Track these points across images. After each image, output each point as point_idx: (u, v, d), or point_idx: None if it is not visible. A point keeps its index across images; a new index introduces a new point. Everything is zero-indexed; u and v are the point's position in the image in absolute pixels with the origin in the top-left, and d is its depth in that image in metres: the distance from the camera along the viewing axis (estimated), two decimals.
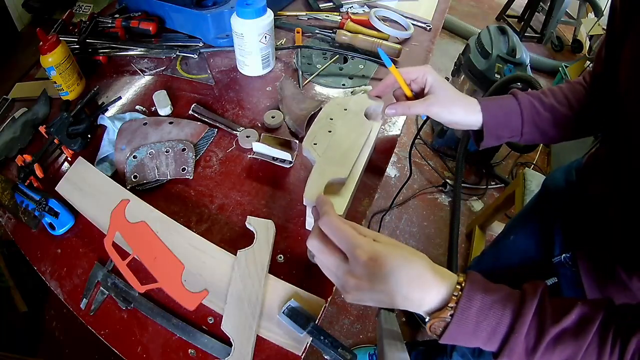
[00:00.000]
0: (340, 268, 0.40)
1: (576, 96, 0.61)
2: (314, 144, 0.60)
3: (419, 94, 0.61)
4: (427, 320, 0.39)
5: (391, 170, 1.96)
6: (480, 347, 0.38)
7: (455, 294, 0.38)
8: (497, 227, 1.62)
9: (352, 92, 0.86)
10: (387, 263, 0.37)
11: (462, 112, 0.59)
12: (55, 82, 0.79)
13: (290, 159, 0.70)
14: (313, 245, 0.42)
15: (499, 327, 0.37)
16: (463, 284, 0.38)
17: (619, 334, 0.36)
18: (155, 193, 0.68)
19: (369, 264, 0.37)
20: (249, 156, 0.72)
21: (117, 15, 0.96)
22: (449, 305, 0.37)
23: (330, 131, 0.62)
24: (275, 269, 0.58)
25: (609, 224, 0.58)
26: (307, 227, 0.63)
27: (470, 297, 0.37)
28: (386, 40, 0.93)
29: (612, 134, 0.59)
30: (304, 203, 0.57)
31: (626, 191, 0.54)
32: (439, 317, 0.38)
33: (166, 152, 0.71)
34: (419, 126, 0.79)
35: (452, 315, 0.37)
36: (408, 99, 0.60)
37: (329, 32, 0.96)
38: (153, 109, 0.80)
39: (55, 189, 0.65)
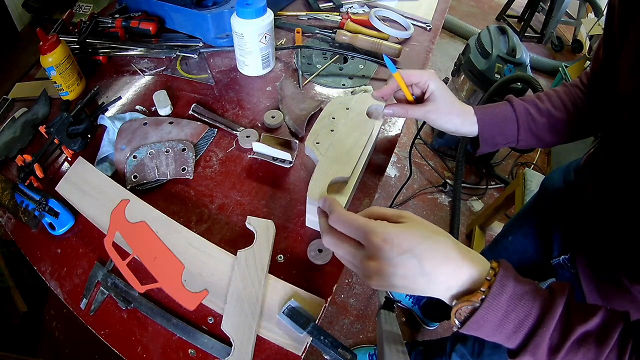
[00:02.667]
0: (356, 256, 0.39)
1: (572, 99, 0.61)
2: (317, 142, 0.60)
3: (419, 98, 0.61)
4: (453, 304, 0.37)
5: (391, 170, 1.96)
6: (502, 341, 0.37)
7: (489, 277, 0.36)
8: (497, 227, 1.62)
9: (352, 92, 0.86)
10: (402, 243, 0.36)
11: (459, 121, 0.60)
12: (55, 82, 0.79)
13: (290, 159, 0.70)
14: (328, 242, 0.41)
15: (527, 319, 0.35)
16: (497, 269, 0.36)
17: (636, 350, 0.34)
18: (155, 193, 0.68)
19: (384, 246, 0.36)
20: (249, 156, 0.72)
21: (117, 15, 0.96)
22: (480, 289, 0.35)
23: (332, 130, 0.62)
24: (275, 269, 0.58)
25: (608, 225, 0.58)
26: (307, 225, 0.63)
27: (504, 283, 0.35)
28: (386, 40, 0.93)
29: (611, 133, 0.59)
30: (308, 202, 0.57)
31: (624, 191, 0.54)
32: (468, 301, 0.35)
33: (166, 152, 0.71)
34: (419, 126, 0.79)
35: (482, 300, 0.35)
36: (408, 102, 0.60)
37: (329, 32, 0.96)
38: (153, 109, 0.80)
39: (55, 189, 0.65)
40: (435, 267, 0.36)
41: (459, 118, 0.59)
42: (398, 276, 0.36)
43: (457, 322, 0.37)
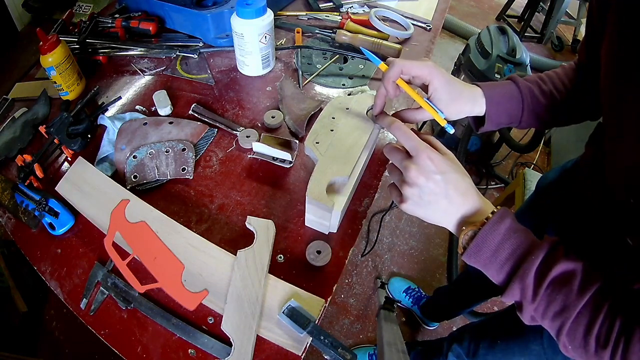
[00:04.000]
0: (403, 161, 0.45)
1: (572, 81, 0.62)
2: (316, 142, 0.60)
3: (423, 88, 0.59)
4: (462, 229, 0.44)
5: None
6: (494, 273, 0.42)
7: (492, 210, 0.44)
8: None
9: (349, 93, 0.86)
10: (440, 165, 0.43)
11: (468, 109, 0.59)
12: (55, 82, 0.79)
13: (290, 159, 0.70)
14: (386, 147, 0.48)
15: (519, 248, 0.41)
16: (499, 209, 0.44)
17: (612, 313, 0.37)
18: (155, 193, 0.68)
19: (427, 162, 0.43)
20: (249, 156, 0.72)
21: (117, 15, 0.96)
22: (484, 218, 0.42)
23: (332, 130, 0.62)
24: (275, 269, 0.58)
25: (601, 224, 0.58)
26: (307, 225, 0.63)
27: (503, 216, 0.42)
28: (386, 40, 0.93)
29: (597, 132, 0.59)
30: (307, 202, 0.57)
31: (609, 190, 0.53)
32: (473, 224, 0.43)
33: (166, 152, 0.71)
34: (419, 126, 0.79)
35: (483, 224, 0.42)
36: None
37: (329, 32, 0.96)
38: (153, 109, 0.80)
39: (55, 189, 0.65)
40: (457, 194, 0.44)
41: (467, 106, 0.58)
42: (427, 190, 0.43)
43: (462, 243, 0.43)
